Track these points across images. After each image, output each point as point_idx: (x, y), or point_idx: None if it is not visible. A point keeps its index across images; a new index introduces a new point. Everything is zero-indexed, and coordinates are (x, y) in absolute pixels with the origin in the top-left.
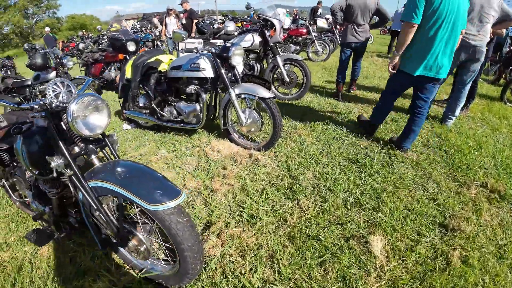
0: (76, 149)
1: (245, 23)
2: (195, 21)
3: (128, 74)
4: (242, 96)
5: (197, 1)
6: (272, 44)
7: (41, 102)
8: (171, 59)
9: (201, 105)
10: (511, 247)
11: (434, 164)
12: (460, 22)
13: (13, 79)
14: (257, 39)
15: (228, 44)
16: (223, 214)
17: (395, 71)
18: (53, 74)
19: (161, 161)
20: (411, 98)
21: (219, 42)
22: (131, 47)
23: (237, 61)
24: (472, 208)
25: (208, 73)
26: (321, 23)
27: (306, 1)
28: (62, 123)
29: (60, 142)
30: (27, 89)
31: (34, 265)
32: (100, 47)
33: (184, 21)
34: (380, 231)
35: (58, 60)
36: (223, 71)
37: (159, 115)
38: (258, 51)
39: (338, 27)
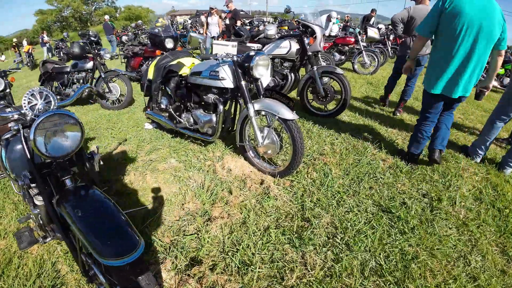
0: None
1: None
2: (238, 22)
3: (150, 75)
4: (262, 113)
5: (249, 2)
6: (310, 53)
7: (16, 114)
8: (193, 63)
9: (218, 116)
10: None
11: (483, 227)
12: (485, 39)
13: (54, 65)
14: (295, 46)
15: (252, 53)
16: (213, 252)
17: (407, 74)
18: (90, 64)
19: (168, 171)
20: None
21: (256, 46)
22: (169, 44)
23: (260, 72)
24: None
25: (227, 83)
26: (372, 32)
27: (360, 8)
28: None
29: (28, 157)
30: (66, 76)
31: (22, 262)
32: (140, 41)
33: (227, 21)
34: None
35: (96, 51)
36: (243, 82)
37: (176, 120)
38: (295, 59)
39: (391, 39)
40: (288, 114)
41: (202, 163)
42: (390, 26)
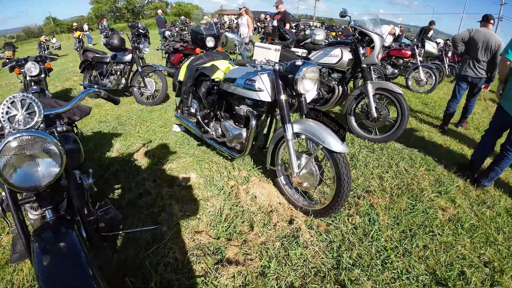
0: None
1: (340, 33)
2: (287, 25)
3: (181, 76)
4: (302, 136)
5: (296, 5)
6: (365, 65)
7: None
8: (229, 67)
9: (249, 131)
10: None
11: None
12: None
13: (94, 53)
14: (347, 56)
15: (299, 62)
16: None
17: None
18: (128, 56)
19: (186, 187)
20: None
21: (301, 51)
22: (210, 43)
23: (306, 87)
24: None
25: (264, 96)
26: (430, 47)
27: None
28: None
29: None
30: (105, 66)
31: (18, 267)
32: (182, 37)
33: (275, 23)
34: None
35: (136, 44)
36: (283, 97)
37: (204, 129)
38: (345, 71)
39: (449, 55)
40: (336, 145)
41: (224, 182)
42: (448, 42)
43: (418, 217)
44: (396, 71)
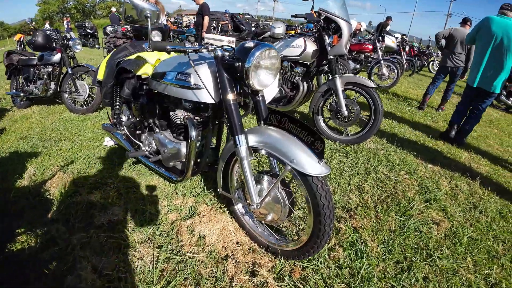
0: None
1: (299, 30)
2: (206, 18)
3: (100, 75)
4: (262, 152)
5: (255, 6)
6: (332, 57)
7: None
8: (159, 59)
9: (189, 145)
10: None
11: None
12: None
13: (20, 56)
14: (311, 46)
15: (250, 44)
16: None
17: None
18: (57, 56)
19: (107, 230)
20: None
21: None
22: (156, 37)
23: (264, 81)
24: None
25: (204, 95)
26: (390, 41)
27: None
28: None
29: None
30: (32, 69)
31: None
32: (127, 33)
33: (196, 19)
34: None
35: (65, 41)
36: (230, 97)
37: (134, 143)
38: (310, 64)
39: (406, 50)
40: (311, 164)
41: (162, 217)
42: (405, 37)
43: (411, 238)
44: (358, 66)
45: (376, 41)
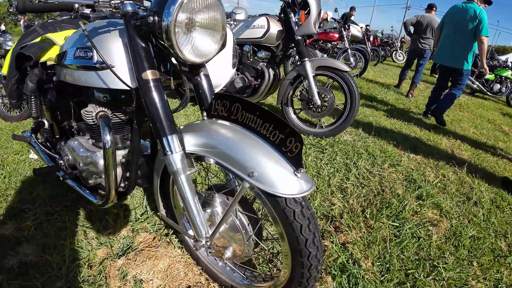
0: None
1: None
2: None
3: (4, 68)
4: (211, 161)
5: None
6: (300, 37)
7: None
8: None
9: (105, 155)
10: None
11: None
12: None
13: None
14: (275, 26)
15: None
16: None
17: None
18: None
19: (13, 277)
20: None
21: None
22: None
23: (201, 48)
24: None
25: (114, 78)
26: (355, 30)
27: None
28: None
29: None
30: None
31: None
32: None
33: None
34: None
35: None
36: (149, 74)
37: (50, 155)
38: (275, 47)
39: (371, 39)
40: (284, 179)
41: (88, 254)
42: (368, 27)
43: (409, 247)
44: (325, 55)
45: (343, 29)
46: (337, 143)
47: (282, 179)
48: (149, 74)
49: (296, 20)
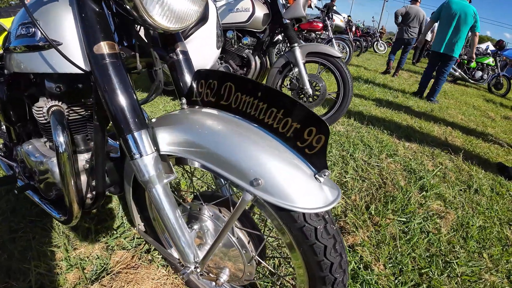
0: None
1: None
2: None
3: None
4: (196, 164)
5: None
6: (288, 21)
7: None
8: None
9: (59, 160)
10: None
11: None
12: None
13: None
14: (261, 9)
15: None
16: None
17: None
18: None
19: None
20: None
21: None
22: None
23: (177, 9)
24: None
25: (61, 59)
26: (338, 20)
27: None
28: None
29: None
30: None
31: None
32: None
33: None
34: None
35: None
36: (104, 47)
37: (7, 162)
38: (261, 33)
39: (353, 30)
40: (301, 188)
41: (58, 278)
42: (350, 18)
43: (419, 243)
44: None
45: (326, 18)
46: (331, 134)
47: (299, 187)
48: (103, 47)
49: (284, 2)
